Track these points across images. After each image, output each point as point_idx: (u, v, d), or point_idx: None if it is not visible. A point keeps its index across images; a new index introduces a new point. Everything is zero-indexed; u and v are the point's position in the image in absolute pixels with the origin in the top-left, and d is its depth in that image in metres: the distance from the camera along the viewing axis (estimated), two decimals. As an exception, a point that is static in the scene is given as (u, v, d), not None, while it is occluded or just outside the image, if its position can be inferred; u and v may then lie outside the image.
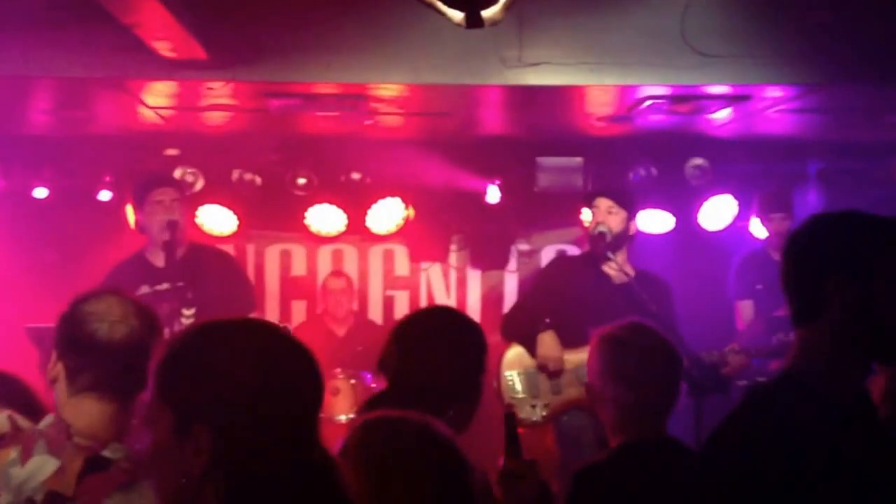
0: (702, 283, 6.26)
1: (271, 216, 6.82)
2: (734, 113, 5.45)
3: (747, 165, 6.50)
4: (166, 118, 5.71)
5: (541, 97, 5.05)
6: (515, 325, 5.38)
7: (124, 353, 2.34)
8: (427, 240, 6.97)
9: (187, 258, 5.23)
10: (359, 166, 6.53)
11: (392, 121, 5.74)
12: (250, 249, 6.99)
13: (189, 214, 6.19)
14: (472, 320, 3.02)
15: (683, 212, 6.56)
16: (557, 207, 6.64)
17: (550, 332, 5.21)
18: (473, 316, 6.93)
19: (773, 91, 5.02)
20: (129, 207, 5.66)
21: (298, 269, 7.07)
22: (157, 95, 5.18)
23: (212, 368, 1.63)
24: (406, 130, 6.11)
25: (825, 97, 5.20)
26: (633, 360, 2.94)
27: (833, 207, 2.57)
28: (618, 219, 5.25)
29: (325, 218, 6.67)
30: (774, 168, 6.51)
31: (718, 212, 6.54)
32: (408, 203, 6.63)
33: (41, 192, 6.40)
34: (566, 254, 5.87)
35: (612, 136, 6.16)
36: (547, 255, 6.85)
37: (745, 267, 6.15)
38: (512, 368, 5.31)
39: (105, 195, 6.43)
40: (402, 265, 7.10)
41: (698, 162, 6.38)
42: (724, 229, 6.58)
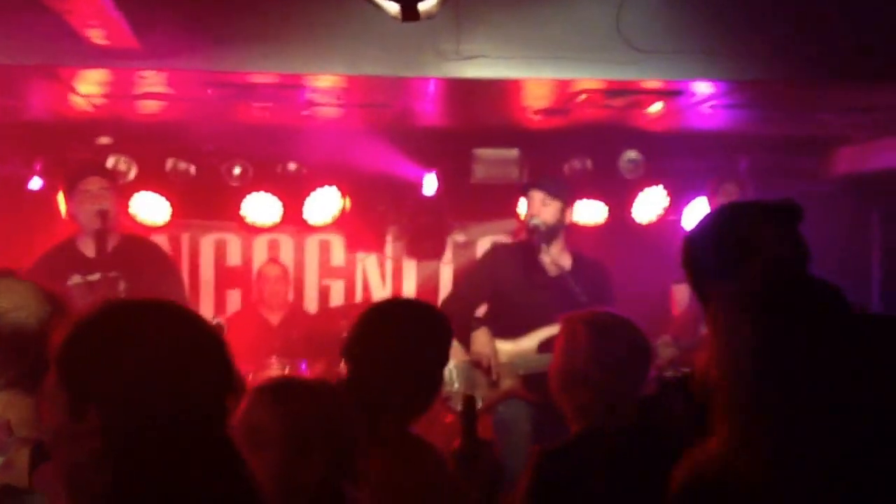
0: (634, 274, 6.34)
1: (206, 206, 6.76)
2: (668, 107, 5.53)
3: (680, 159, 6.61)
4: (99, 106, 5.62)
5: (478, 90, 5.07)
6: (450, 317, 5.41)
7: (38, 342, 2.30)
8: (363, 230, 6.97)
9: (119, 249, 5.17)
10: (295, 156, 6.50)
11: (329, 111, 5.72)
12: (185, 239, 6.92)
13: (122, 204, 6.13)
14: (439, 312, 3.07)
15: (617, 204, 6.65)
16: (493, 199, 6.68)
17: (483, 329, 5.27)
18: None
19: (705, 86, 5.11)
20: (60, 196, 5.57)
21: (234, 258, 7.02)
22: (89, 83, 5.10)
23: (112, 347, 1.61)
24: (343, 121, 6.08)
25: (756, 93, 5.30)
26: (623, 345, 3.01)
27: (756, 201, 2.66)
28: (551, 210, 5.30)
29: (260, 208, 6.62)
30: (706, 162, 6.62)
31: (651, 204, 6.64)
32: (344, 194, 6.62)
33: (-31, 180, 6.27)
34: (502, 243, 5.90)
35: (549, 129, 6.21)
36: (483, 247, 6.89)
37: None
38: (449, 360, 5.34)
39: (36, 183, 6.33)
40: (338, 255, 7.10)
41: (632, 155, 6.47)
42: (656, 222, 6.67)
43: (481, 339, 5.26)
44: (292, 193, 6.58)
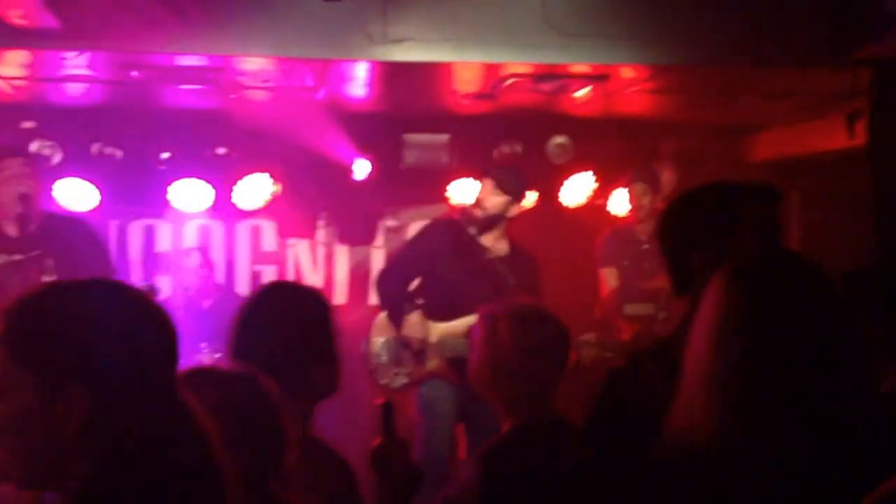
0: (562, 258, 6.42)
1: (134, 191, 6.65)
2: (594, 92, 5.60)
3: (607, 144, 6.69)
4: (21, 89, 5.53)
5: (406, 73, 5.09)
6: (386, 297, 5.43)
7: None
8: (294, 216, 6.94)
9: (43, 228, 5.09)
10: (224, 141, 6.44)
11: (257, 95, 5.69)
12: (113, 225, 6.83)
13: (47, 188, 6.03)
14: (308, 289, 3.03)
15: (546, 189, 6.71)
16: (424, 184, 6.70)
17: (417, 314, 5.29)
18: (340, 291, 7.06)
19: (630, 71, 5.19)
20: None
21: (163, 245, 6.95)
22: (9, 65, 5.01)
23: (75, 322, 1.60)
24: (272, 105, 6.05)
25: (679, 78, 5.40)
26: (545, 334, 3.01)
27: (687, 186, 2.71)
28: (497, 202, 5.29)
29: (189, 193, 6.55)
30: (632, 146, 6.71)
31: (579, 189, 6.72)
32: (275, 179, 6.58)
33: None
34: (442, 220, 5.84)
35: (478, 114, 6.25)
36: (414, 232, 6.90)
37: (612, 241, 6.34)
38: (380, 334, 5.39)
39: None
40: (269, 241, 7.07)
41: (560, 140, 6.53)
42: (584, 206, 6.75)
43: (414, 322, 5.30)
44: (222, 179, 6.53)
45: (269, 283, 3.08)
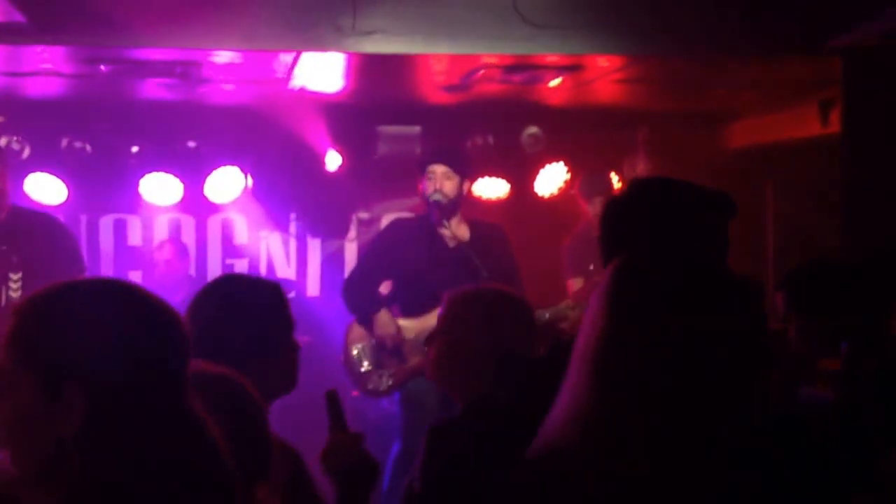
0: (536, 248, 6.41)
1: (104, 185, 6.61)
2: (567, 82, 5.58)
3: (580, 134, 6.68)
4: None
5: (376, 65, 5.06)
6: (354, 297, 5.43)
7: None
8: (266, 209, 6.90)
9: (8, 223, 5.02)
10: (194, 134, 6.39)
11: (227, 88, 5.64)
12: (83, 220, 6.77)
13: (17, 183, 5.97)
14: (259, 279, 3.00)
15: (519, 179, 6.70)
16: (397, 176, 6.66)
17: (384, 311, 5.30)
18: (313, 285, 7.03)
19: (602, 61, 5.17)
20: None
21: (134, 239, 6.90)
22: (-25, 60, 4.95)
23: (77, 322, 1.59)
24: (242, 97, 6.01)
25: (652, 68, 5.39)
26: (524, 316, 3.00)
27: (660, 175, 2.66)
28: (452, 184, 5.32)
29: (160, 187, 6.50)
30: (605, 136, 6.71)
31: (552, 179, 6.71)
32: (246, 172, 6.54)
33: None
34: (400, 218, 5.88)
35: (450, 105, 6.22)
36: (375, 234, 6.87)
37: (574, 248, 6.33)
38: (357, 342, 5.39)
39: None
40: (241, 234, 7.03)
41: (533, 130, 6.52)
42: (558, 196, 6.75)
43: (383, 320, 5.31)
44: (192, 172, 6.48)
45: (218, 277, 3.01)
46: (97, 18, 4.39)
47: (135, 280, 6.68)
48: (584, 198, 6.37)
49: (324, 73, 5.32)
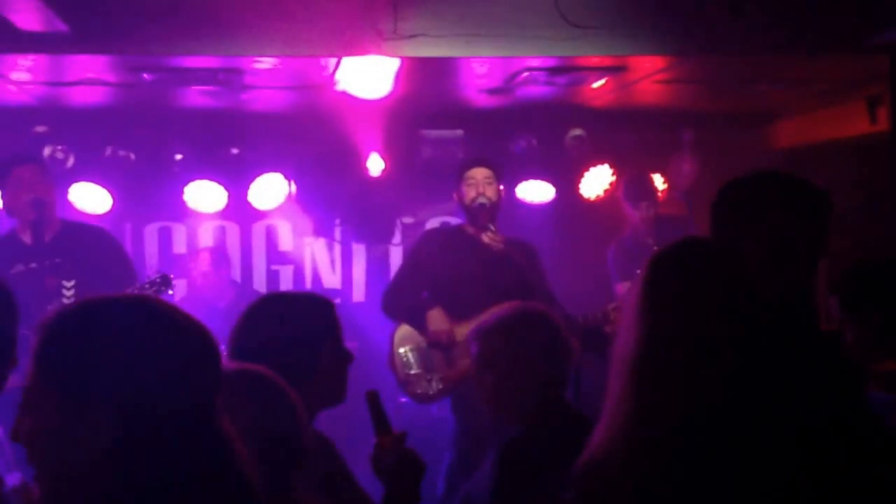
0: (583, 251, 6.35)
1: (149, 193, 6.64)
2: (610, 84, 5.52)
3: (625, 135, 6.61)
4: (31, 93, 5.51)
5: (418, 69, 5.04)
6: (398, 305, 5.38)
7: None
8: (310, 215, 6.90)
9: (60, 235, 5.09)
10: (237, 141, 6.41)
11: (269, 94, 5.65)
12: (128, 228, 6.81)
13: (62, 192, 6.02)
14: (309, 295, 3.03)
15: (564, 182, 6.64)
16: (440, 180, 6.61)
17: (437, 309, 5.22)
18: (358, 290, 7.01)
19: (645, 62, 5.11)
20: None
21: (179, 247, 6.93)
22: (20, 70, 4.99)
23: (106, 344, 1.55)
24: (285, 103, 6.01)
25: (696, 67, 5.31)
26: (548, 339, 3.05)
27: (707, 176, 2.62)
28: (493, 188, 5.28)
29: (204, 195, 6.53)
30: (650, 137, 6.63)
31: (597, 181, 6.64)
32: (289, 178, 6.54)
33: None
34: (434, 229, 5.83)
35: (493, 108, 6.18)
36: (411, 245, 6.83)
37: (619, 254, 6.23)
38: (404, 345, 5.32)
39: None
40: (285, 241, 7.03)
41: (577, 132, 6.46)
42: (603, 198, 6.67)
43: (436, 317, 5.22)
44: (236, 179, 6.49)
45: (267, 293, 3.08)
46: (140, 27, 4.41)
47: (180, 287, 6.76)
48: (628, 202, 6.28)
49: (366, 77, 5.30)
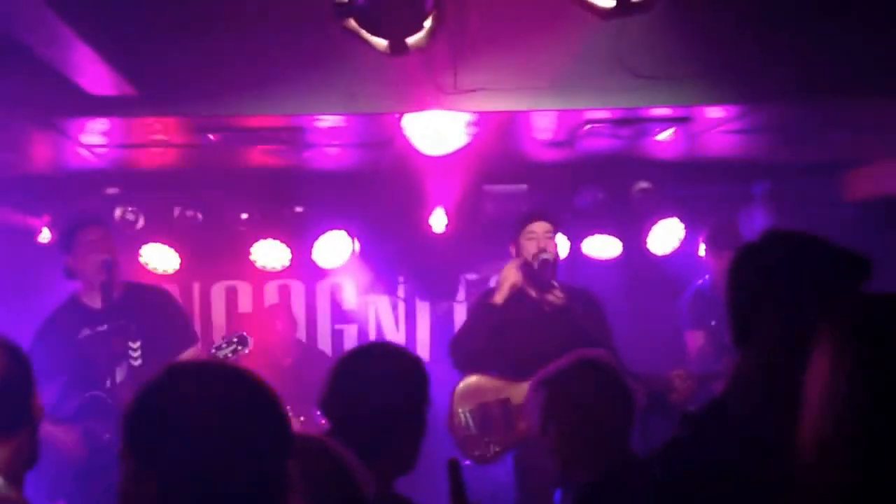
0: (651, 307, 6.21)
1: (215, 253, 6.71)
2: (677, 134, 5.42)
3: (693, 187, 6.49)
4: (101, 156, 5.60)
5: (479, 123, 5.00)
6: (464, 358, 5.31)
7: None
8: (374, 272, 6.88)
9: (125, 297, 5.15)
10: (301, 199, 6.44)
11: (331, 152, 5.67)
12: (196, 287, 6.87)
13: (133, 254, 6.10)
14: (411, 354, 2.96)
15: (631, 236, 6.52)
16: (504, 235, 6.57)
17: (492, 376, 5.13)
18: (423, 348, 6.94)
19: (713, 111, 5.00)
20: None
21: (245, 305, 6.96)
22: (90, 133, 5.07)
23: (163, 415, 1.60)
24: (347, 161, 6.03)
25: (766, 116, 5.19)
26: (609, 391, 3.10)
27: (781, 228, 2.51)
28: (553, 243, 5.21)
29: (269, 253, 6.57)
30: (720, 190, 6.49)
31: (666, 235, 6.50)
32: (353, 235, 6.54)
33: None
34: (492, 289, 5.75)
35: (556, 161, 6.11)
36: (473, 302, 6.75)
37: (697, 302, 6.06)
38: (464, 405, 5.22)
39: (45, 236, 6.32)
40: (350, 298, 7.02)
41: (644, 185, 6.35)
42: (672, 253, 6.53)
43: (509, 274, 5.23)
44: (300, 237, 6.51)
45: (370, 343, 3.05)
46: (205, 88, 4.46)
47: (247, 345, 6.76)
48: (711, 250, 6.09)
49: (432, 132, 5.28)
